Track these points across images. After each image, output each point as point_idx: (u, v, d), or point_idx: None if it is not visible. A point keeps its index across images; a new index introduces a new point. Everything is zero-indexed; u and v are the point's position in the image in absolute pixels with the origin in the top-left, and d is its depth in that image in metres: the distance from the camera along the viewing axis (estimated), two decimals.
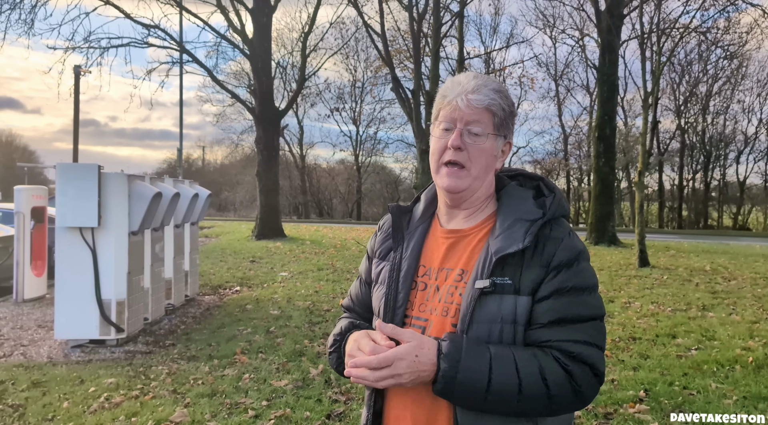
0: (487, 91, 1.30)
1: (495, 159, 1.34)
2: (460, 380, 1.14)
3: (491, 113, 1.30)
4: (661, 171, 36.72)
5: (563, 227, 1.29)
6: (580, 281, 1.23)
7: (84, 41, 18.13)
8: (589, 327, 1.22)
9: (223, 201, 48.45)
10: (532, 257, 1.24)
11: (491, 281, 1.21)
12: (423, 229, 1.41)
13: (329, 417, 3.93)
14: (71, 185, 5.67)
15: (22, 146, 61.75)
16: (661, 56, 13.83)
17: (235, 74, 34.96)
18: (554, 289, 1.21)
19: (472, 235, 1.33)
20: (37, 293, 8.34)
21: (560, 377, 1.16)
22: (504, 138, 1.34)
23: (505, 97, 1.32)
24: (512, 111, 1.34)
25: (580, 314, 1.21)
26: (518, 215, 1.28)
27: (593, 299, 1.25)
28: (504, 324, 1.21)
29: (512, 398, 1.15)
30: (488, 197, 1.37)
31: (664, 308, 7.61)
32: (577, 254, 1.25)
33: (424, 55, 15.80)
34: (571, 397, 1.17)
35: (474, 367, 1.14)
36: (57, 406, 4.16)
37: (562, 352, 1.18)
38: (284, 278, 10.11)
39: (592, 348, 1.20)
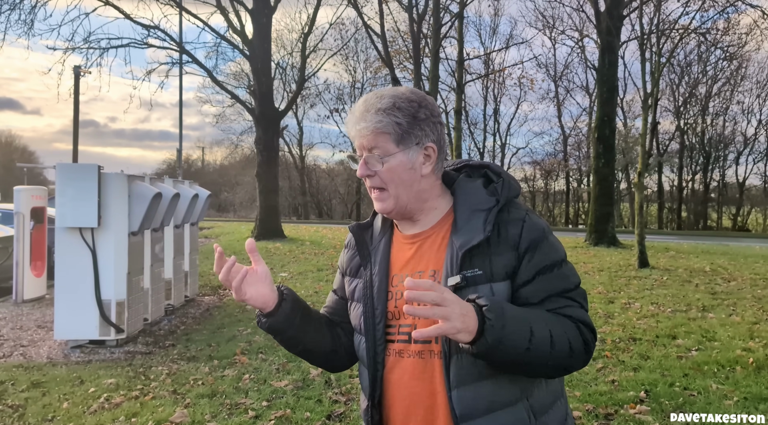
0: (371, 115, 1.30)
1: (414, 171, 1.33)
2: (508, 331, 1.13)
3: (385, 133, 1.30)
4: (661, 172, 36.73)
5: (519, 208, 1.33)
6: (555, 256, 1.29)
7: (84, 42, 18.16)
8: (576, 293, 1.29)
9: (222, 202, 48.46)
10: (497, 243, 1.27)
11: (462, 275, 1.24)
12: (386, 241, 1.43)
13: (329, 418, 3.92)
14: (71, 185, 5.66)
15: (21, 146, 61.79)
16: (660, 57, 13.84)
17: (235, 75, 34.99)
18: (536, 271, 1.26)
19: (435, 234, 1.35)
20: (37, 293, 8.33)
21: (575, 332, 1.23)
22: (417, 145, 1.32)
23: (394, 111, 1.30)
24: (412, 119, 1.31)
25: (565, 286, 1.28)
26: (473, 206, 1.31)
27: (569, 268, 1.32)
28: None
29: (546, 351, 1.18)
30: (436, 197, 1.38)
31: (664, 309, 7.60)
32: (542, 231, 1.29)
33: (423, 56, 15.80)
34: (582, 353, 1.24)
35: (518, 318, 1.16)
36: (57, 407, 4.15)
37: (566, 317, 1.26)
38: (284, 279, 10.11)
39: (584, 311, 1.28)
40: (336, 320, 1.50)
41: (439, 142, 1.35)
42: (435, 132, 1.35)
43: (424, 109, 1.33)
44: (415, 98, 1.34)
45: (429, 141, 1.33)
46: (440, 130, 1.37)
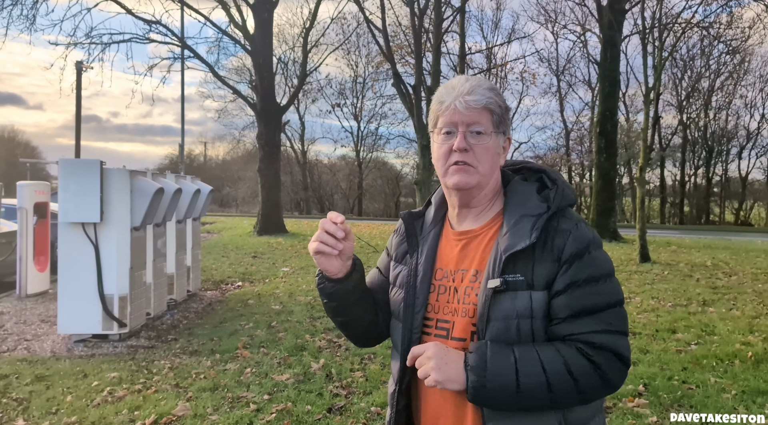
0: (482, 90, 1.33)
1: (498, 156, 1.36)
2: (490, 388, 1.18)
3: (489, 111, 1.32)
4: (663, 167, 36.68)
5: (570, 218, 1.30)
6: (593, 270, 1.24)
7: (85, 37, 18.15)
8: (608, 314, 1.23)
9: (225, 197, 48.50)
10: (542, 251, 1.25)
11: (502, 279, 1.23)
12: (436, 232, 1.44)
13: (330, 411, 3.96)
14: (74, 180, 5.69)
15: (24, 141, 61.80)
16: (662, 51, 13.80)
17: (237, 70, 35.00)
18: (568, 282, 1.23)
19: (483, 234, 1.35)
20: (40, 288, 8.38)
21: (586, 368, 1.19)
22: (503, 135, 1.36)
23: (498, 95, 1.35)
24: (507, 107, 1.37)
25: (597, 303, 1.22)
26: (524, 211, 1.29)
27: (609, 286, 1.25)
28: (520, 319, 1.23)
29: (543, 395, 1.18)
30: (495, 194, 1.39)
31: (665, 303, 7.63)
32: (586, 244, 1.25)
33: (425, 51, 15.78)
34: (600, 386, 1.21)
35: (501, 373, 1.18)
36: (61, 400, 4.19)
37: (585, 344, 1.20)
38: (286, 274, 10.15)
39: (614, 335, 1.22)
40: (375, 297, 1.52)
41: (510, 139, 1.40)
42: (510, 125, 1.40)
43: (505, 102, 1.38)
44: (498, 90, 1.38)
45: (509, 133, 1.39)
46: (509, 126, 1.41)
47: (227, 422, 3.76)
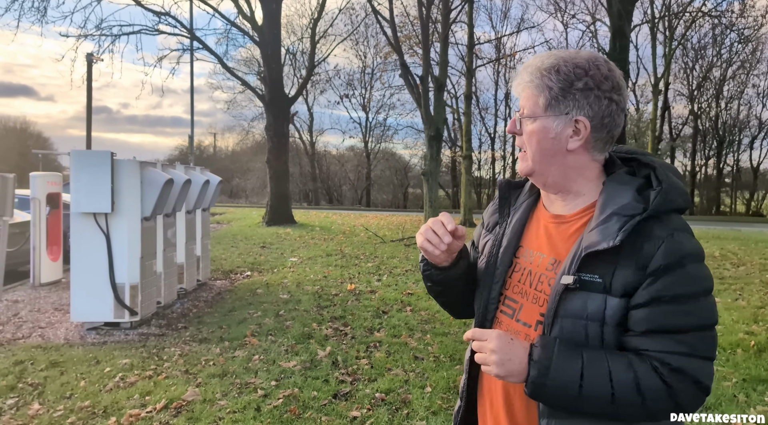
0: (529, 72, 1.26)
1: (558, 141, 1.24)
2: (550, 386, 1.13)
3: (536, 94, 1.24)
4: (673, 157, 36.41)
5: (669, 224, 1.15)
6: (684, 288, 1.11)
7: (96, 29, 18.26)
8: (694, 337, 1.11)
9: (234, 188, 48.76)
10: (627, 256, 1.14)
11: (576, 277, 1.16)
12: (528, 206, 1.39)
13: (335, 397, 4.05)
14: (85, 171, 5.80)
15: (36, 132, 62.27)
16: (672, 41, 13.70)
17: (246, 61, 35.06)
18: (652, 297, 1.11)
19: (571, 223, 1.27)
20: (54, 277, 8.54)
21: (658, 389, 1.10)
22: (566, 115, 1.23)
23: (553, 73, 1.22)
24: (568, 85, 1.22)
25: (682, 324, 1.11)
26: (616, 208, 1.17)
27: (700, 307, 1.12)
28: (590, 321, 1.16)
29: (605, 405, 1.12)
30: (585, 182, 1.28)
31: None
32: (680, 257, 1.12)
33: (433, 41, 15.75)
34: (670, 407, 1.12)
35: (564, 375, 1.12)
36: (74, 385, 4.31)
37: (662, 363, 1.11)
38: (294, 264, 10.25)
39: (696, 360, 1.11)
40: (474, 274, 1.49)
41: (597, 118, 1.22)
42: (594, 106, 1.22)
43: (588, 79, 1.21)
44: (584, 65, 1.22)
45: (581, 114, 1.22)
46: (605, 106, 1.22)
47: (235, 407, 3.86)
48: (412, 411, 3.79)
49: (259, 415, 3.73)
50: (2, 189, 7.40)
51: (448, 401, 3.96)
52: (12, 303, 7.17)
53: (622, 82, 1.24)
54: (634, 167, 1.28)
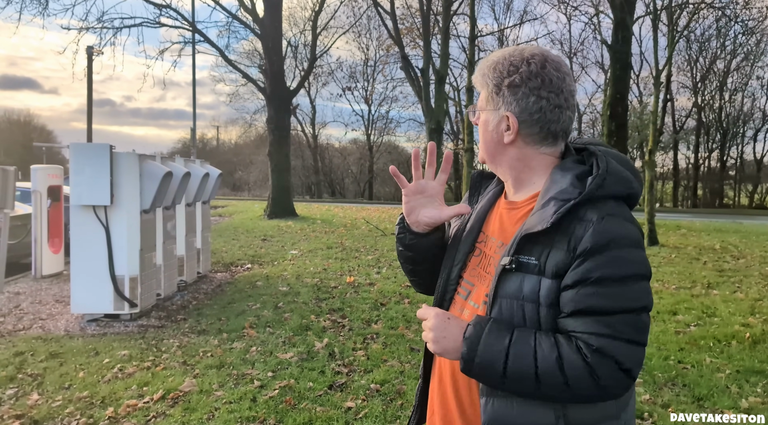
0: (479, 67, 1.33)
1: (494, 134, 1.30)
2: (478, 363, 1.17)
3: (481, 88, 1.32)
4: (676, 149, 36.32)
5: (602, 209, 1.17)
6: (609, 271, 1.13)
7: (97, 21, 18.28)
8: (617, 319, 1.12)
9: (237, 181, 48.85)
10: (561, 239, 1.18)
11: (514, 259, 1.21)
12: (494, 194, 1.44)
13: (331, 388, 4.09)
14: (84, 164, 5.83)
15: (40, 125, 62.45)
16: (674, 32, 13.63)
17: (248, 54, 34.97)
18: (578, 278, 1.14)
19: (521, 209, 1.32)
20: (55, 269, 8.59)
21: (579, 369, 1.12)
22: (498, 111, 1.29)
23: (491, 70, 1.29)
24: (500, 82, 1.27)
25: (605, 306, 1.13)
26: (554, 193, 1.22)
27: (627, 291, 1.13)
28: (526, 302, 1.19)
29: (530, 384, 1.15)
30: (531, 173, 1.32)
31: (669, 286, 7.66)
32: (608, 240, 1.13)
33: (434, 34, 15.70)
34: (593, 389, 1.13)
35: (491, 351, 1.16)
36: (73, 376, 4.36)
37: (585, 344, 1.13)
38: (294, 256, 10.29)
39: (618, 342, 1.12)
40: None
41: (525, 114, 1.26)
42: (521, 103, 1.25)
43: (517, 76, 1.25)
44: (518, 62, 1.26)
45: (507, 110, 1.27)
46: (532, 102, 1.25)
47: (232, 397, 3.90)
48: (407, 402, 3.83)
49: (254, 406, 3.77)
50: (3, 182, 7.44)
51: None
52: (14, 295, 7.23)
53: (560, 81, 1.26)
54: (584, 156, 1.31)
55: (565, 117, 1.29)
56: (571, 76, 1.30)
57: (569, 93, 1.28)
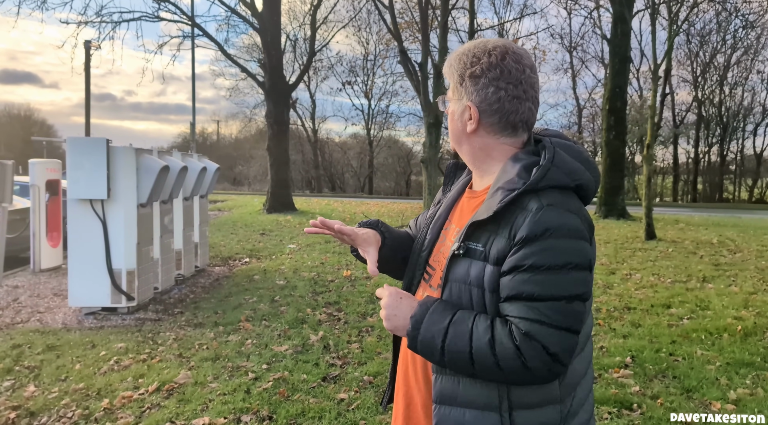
0: (448, 58, 1.38)
1: (459, 123, 1.35)
2: (420, 340, 1.23)
3: (450, 79, 1.36)
4: (676, 144, 36.30)
5: (544, 199, 1.20)
6: (542, 259, 1.16)
7: (96, 15, 18.26)
8: (547, 306, 1.16)
9: (237, 175, 48.84)
10: (504, 227, 1.22)
11: (462, 245, 1.26)
12: (463, 184, 1.49)
13: (324, 380, 4.13)
14: (81, 158, 5.86)
15: (40, 120, 62.41)
16: (673, 26, 13.61)
17: (247, 48, 34.92)
18: (513, 265, 1.18)
19: (479, 197, 1.36)
20: (53, 263, 8.64)
21: (509, 351, 1.17)
22: (461, 101, 1.33)
23: (456, 61, 1.33)
24: (463, 72, 1.31)
25: (535, 292, 1.16)
26: (501, 183, 1.26)
27: (558, 279, 1.17)
28: (472, 286, 1.24)
29: (465, 363, 1.20)
30: (492, 163, 1.36)
31: (664, 279, 7.70)
32: (543, 229, 1.17)
33: (433, 28, 15.67)
34: (521, 372, 1.17)
35: (432, 330, 1.22)
36: (70, 368, 4.40)
37: (516, 328, 1.17)
38: (292, 250, 10.33)
39: (545, 328, 1.16)
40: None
41: (484, 104, 1.30)
42: (481, 93, 1.29)
43: (478, 67, 1.29)
44: (480, 53, 1.30)
45: (469, 100, 1.31)
46: (491, 93, 1.28)
47: (225, 389, 3.94)
48: None
49: (248, 397, 3.81)
50: (1, 176, 7.47)
51: None
52: (12, 289, 7.27)
53: (519, 72, 1.29)
54: (533, 148, 1.34)
55: (525, 108, 1.31)
56: (533, 68, 1.32)
57: (529, 85, 1.30)
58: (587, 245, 1.21)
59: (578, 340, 1.21)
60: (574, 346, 1.19)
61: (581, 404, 1.31)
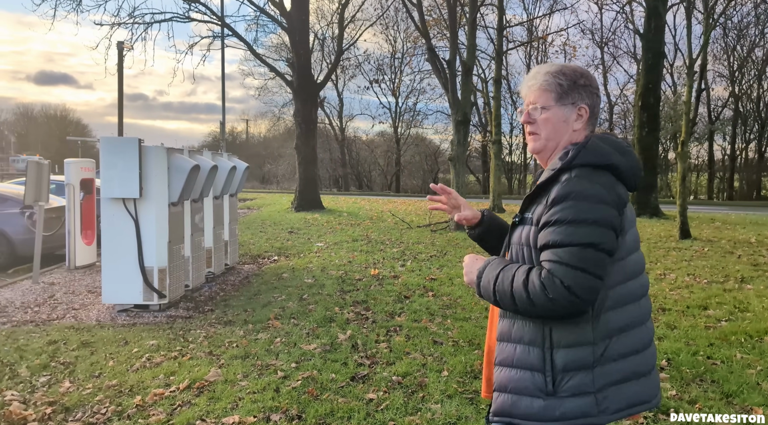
0: (541, 75, 1.69)
1: (566, 124, 1.67)
2: (481, 285, 1.63)
3: (548, 91, 1.66)
4: (712, 140, 35.35)
5: (574, 173, 1.52)
6: (565, 214, 1.48)
7: (129, 17, 18.59)
8: (565, 250, 1.47)
9: (266, 174, 49.29)
10: (543, 197, 1.58)
11: (518, 215, 1.66)
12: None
13: (353, 379, 4.11)
14: (114, 158, 5.95)
15: (75, 120, 64.07)
16: (710, 19, 13.24)
17: (276, 47, 35.21)
18: (544, 222, 1.53)
19: None
20: (88, 260, 8.82)
21: (537, 287, 1.47)
22: (572, 105, 1.67)
23: (559, 75, 1.66)
24: (573, 83, 1.66)
25: (557, 240, 1.48)
26: (552, 166, 1.60)
27: (577, 231, 1.47)
28: (524, 246, 1.62)
29: (509, 299, 1.54)
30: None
31: (700, 280, 7.49)
32: (567, 193, 1.49)
33: (461, 24, 15.54)
34: (547, 304, 1.46)
35: (488, 279, 1.61)
36: (103, 364, 4.48)
37: (543, 268, 1.49)
38: (320, 249, 10.36)
39: (563, 267, 1.46)
40: None
41: (592, 106, 1.68)
42: (590, 98, 1.67)
43: (584, 78, 1.67)
44: (579, 70, 1.69)
45: (583, 103, 1.67)
46: (595, 98, 1.68)
47: (255, 388, 3.95)
48: (428, 395, 3.83)
49: (277, 396, 3.82)
50: (38, 175, 7.66)
51: (464, 385, 3.98)
52: (48, 285, 7.45)
53: (597, 84, 1.73)
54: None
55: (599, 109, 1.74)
56: None
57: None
58: (607, 209, 1.49)
59: (596, 283, 1.46)
60: (591, 285, 1.45)
61: (621, 356, 1.55)
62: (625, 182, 1.58)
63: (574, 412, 1.51)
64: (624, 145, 1.63)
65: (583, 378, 1.51)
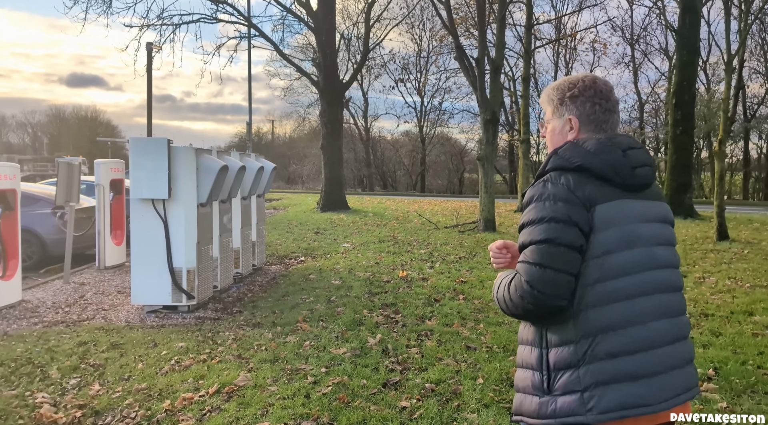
0: (545, 91, 1.82)
1: (561, 134, 1.76)
2: (493, 293, 1.75)
3: (547, 105, 1.80)
4: (747, 139, 34.39)
5: (545, 178, 1.63)
6: (529, 216, 1.61)
7: (157, 18, 18.78)
8: (528, 249, 1.59)
9: (291, 174, 49.54)
10: None
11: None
12: None
13: (385, 386, 3.99)
14: (143, 158, 5.94)
15: (105, 121, 65.25)
16: (748, 15, 12.81)
17: (302, 48, 35.32)
18: (519, 226, 1.67)
19: None
20: (118, 260, 8.87)
21: (511, 287, 1.62)
22: (562, 118, 1.75)
23: (554, 90, 1.77)
24: (562, 96, 1.74)
25: (523, 241, 1.63)
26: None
27: (536, 228, 1.58)
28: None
29: (504, 304, 1.66)
30: None
31: (743, 283, 7.20)
32: (531, 196, 1.63)
33: (489, 22, 15.32)
34: (519, 302, 1.58)
35: (495, 285, 1.75)
36: (133, 367, 4.44)
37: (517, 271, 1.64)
38: (346, 250, 10.27)
39: (524, 264, 1.59)
40: None
41: (583, 116, 1.71)
42: (580, 108, 1.71)
43: (575, 89, 1.72)
44: (574, 81, 1.74)
45: (570, 114, 1.73)
46: (588, 107, 1.70)
47: (285, 393, 3.86)
48: (463, 403, 3.69)
49: (308, 402, 3.72)
50: (69, 175, 7.71)
51: (501, 393, 3.83)
52: (79, 286, 7.49)
53: (607, 92, 1.73)
54: None
55: (611, 117, 1.73)
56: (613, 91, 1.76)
57: (615, 102, 1.75)
58: (567, 206, 1.55)
59: (557, 276, 1.52)
60: (550, 278, 1.53)
61: (610, 355, 1.53)
62: (607, 180, 1.60)
63: (563, 410, 1.55)
64: (603, 145, 1.64)
65: (570, 376, 1.55)
